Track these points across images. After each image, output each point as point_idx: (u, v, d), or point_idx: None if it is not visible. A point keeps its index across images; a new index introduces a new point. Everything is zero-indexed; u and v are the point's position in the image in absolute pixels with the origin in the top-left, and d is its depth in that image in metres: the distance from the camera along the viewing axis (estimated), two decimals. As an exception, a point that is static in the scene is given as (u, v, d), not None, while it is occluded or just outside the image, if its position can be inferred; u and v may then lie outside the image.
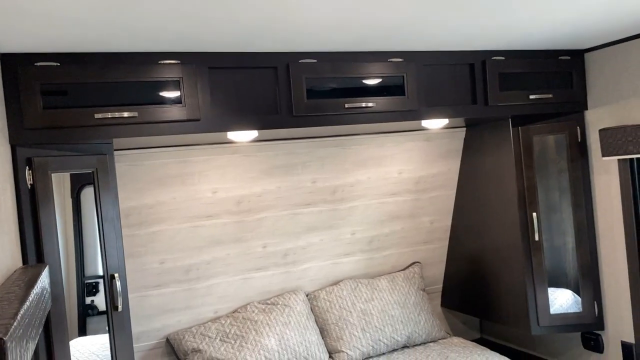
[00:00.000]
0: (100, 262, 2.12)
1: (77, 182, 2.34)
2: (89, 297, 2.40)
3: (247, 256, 2.90)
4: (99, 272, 2.23)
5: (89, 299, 2.40)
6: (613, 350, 2.74)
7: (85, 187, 2.26)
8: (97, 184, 2.05)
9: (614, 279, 2.71)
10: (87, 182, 2.18)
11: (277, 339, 2.76)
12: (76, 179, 2.31)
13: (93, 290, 2.38)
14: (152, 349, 2.80)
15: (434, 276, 3.48)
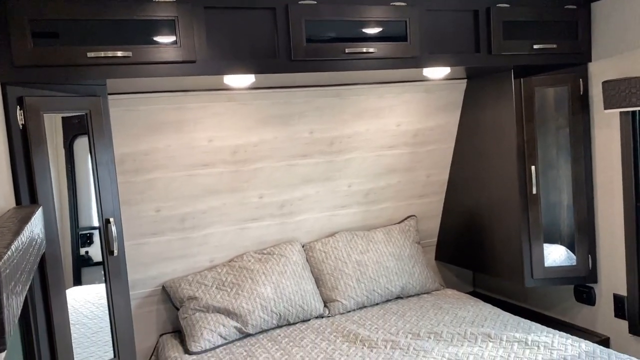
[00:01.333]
0: (95, 212, 2.10)
1: (70, 132, 2.29)
2: (83, 248, 2.40)
3: (243, 206, 2.89)
4: (93, 224, 2.22)
5: (84, 249, 2.39)
6: (605, 303, 2.78)
7: (79, 137, 2.21)
8: (90, 127, 2.00)
9: (609, 233, 2.72)
10: (80, 132, 2.14)
11: (273, 287, 2.78)
12: (69, 128, 2.26)
13: (87, 241, 2.37)
14: (148, 296, 2.81)
15: (429, 230, 3.49)
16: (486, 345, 2.38)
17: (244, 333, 2.67)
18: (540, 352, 2.26)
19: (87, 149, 2.07)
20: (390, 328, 2.65)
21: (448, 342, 2.45)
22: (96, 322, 2.33)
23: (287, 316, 2.78)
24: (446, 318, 2.74)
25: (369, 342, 2.49)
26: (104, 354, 2.16)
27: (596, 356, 2.18)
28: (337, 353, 2.41)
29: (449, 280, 3.56)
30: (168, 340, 2.73)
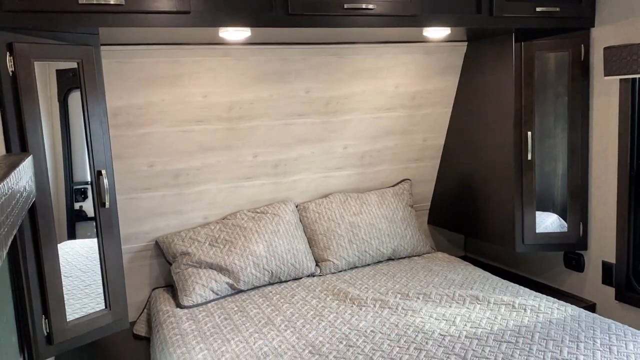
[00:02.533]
0: (88, 167, 2.09)
1: (65, 86, 2.25)
2: (77, 202, 2.40)
3: (237, 164, 2.88)
4: (87, 179, 2.21)
5: (78, 204, 2.39)
6: (593, 270, 2.81)
7: (73, 91, 2.18)
8: (82, 77, 1.97)
9: (601, 201, 2.73)
10: (74, 85, 2.10)
11: (266, 245, 2.79)
12: (63, 82, 2.22)
13: (82, 196, 2.37)
14: (140, 250, 2.83)
15: (423, 194, 3.50)
16: (474, 307, 2.41)
17: (236, 289, 2.70)
18: (526, 315, 2.30)
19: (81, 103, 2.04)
20: (380, 288, 2.68)
21: (436, 303, 2.48)
22: (89, 275, 2.35)
23: (278, 274, 2.81)
24: (436, 280, 2.77)
25: (359, 301, 2.52)
26: (96, 306, 2.18)
27: (581, 320, 2.22)
28: (326, 310, 2.44)
29: (441, 245, 3.59)
30: (160, 294, 2.76)
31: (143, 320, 2.74)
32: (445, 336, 2.13)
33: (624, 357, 1.90)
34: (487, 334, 2.13)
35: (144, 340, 2.62)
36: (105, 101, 2.06)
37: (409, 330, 2.20)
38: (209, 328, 2.32)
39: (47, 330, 1.86)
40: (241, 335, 2.23)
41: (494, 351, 1.99)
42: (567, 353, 1.95)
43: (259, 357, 2.03)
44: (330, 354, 2.03)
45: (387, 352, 2.02)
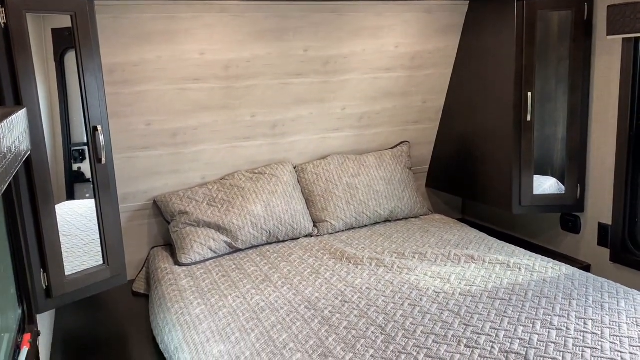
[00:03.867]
0: (84, 122, 2.07)
1: (61, 45, 2.22)
2: (75, 163, 2.40)
3: (235, 124, 2.86)
4: (85, 140, 2.20)
5: (76, 165, 2.39)
6: (589, 231, 2.83)
7: (69, 51, 2.15)
8: (76, 30, 1.94)
9: (600, 162, 2.73)
10: (70, 45, 2.07)
11: (264, 205, 2.80)
12: (59, 41, 2.19)
13: (80, 157, 2.37)
14: (139, 210, 2.84)
15: (422, 156, 3.49)
16: (469, 266, 2.43)
17: (234, 248, 2.72)
18: (521, 274, 2.32)
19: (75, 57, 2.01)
20: (376, 248, 2.70)
21: (432, 262, 2.50)
22: (88, 234, 2.37)
23: (276, 234, 2.82)
24: (432, 240, 2.79)
25: (355, 260, 2.54)
26: (95, 263, 2.20)
27: (575, 279, 2.24)
28: (323, 268, 2.47)
29: (438, 207, 3.60)
30: (159, 253, 2.79)
31: (142, 278, 2.78)
32: (440, 293, 2.16)
33: (615, 313, 1.93)
34: (481, 292, 2.16)
35: (143, 297, 2.66)
36: (100, 56, 2.03)
37: (403, 288, 2.23)
38: (206, 285, 2.35)
39: (46, 284, 1.88)
40: (238, 291, 2.26)
41: (487, 308, 2.02)
42: (559, 310, 1.98)
43: (256, 311, 2.06)
44: (326, 309, 2.06)
45: (382, 307, 2.05)
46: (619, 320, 1.87)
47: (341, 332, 1.88)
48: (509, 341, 1.77)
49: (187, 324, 2.00)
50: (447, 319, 1.94)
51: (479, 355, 1.69)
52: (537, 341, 1.77)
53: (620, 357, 1.65)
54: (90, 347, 2.19)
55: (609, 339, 1.76)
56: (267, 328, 1.92)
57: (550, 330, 1.83)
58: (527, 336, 1.80)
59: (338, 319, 1.97)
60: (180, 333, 1.95)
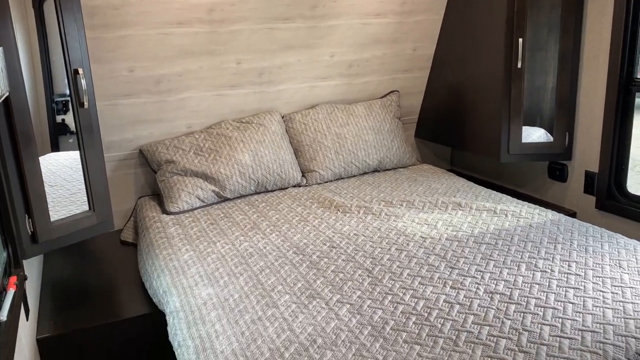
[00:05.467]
0: (65, 66, 2.01)
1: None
2: (59, 115, 2.34)
3: (220, 71, 2.80)
4: (68, 91, 2.14)
5: (60, 117, 2.34)
6: (576, 179, 2.84)
7: (47, -1, 2.07)
8: (52, -33, 1.85)
9: (589, 110, 2.72)
10: None
11: (251, 155, 2.78)
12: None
13: (63, 109, 2.31)
14: (124, 159, 2.80)
15: (411, 107, 3.46)
16: (456, 213, 2.45)
17: (222, 197, 2.71)
18: (507, 220, 2.34)
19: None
20: (364, 197, 2.70)
21: (419, 209, 2.51)
22: (74, 184, 2.34)
23: (265, 183, 2.81)
24: (420, 189, 2.79)
25: (343, 208, 2.54)
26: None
27: (561, 224, 2.26)
28: (311, 216, 2.47)
29: (427, 158, 3.60)
30: (146, 202, 2.77)
31: (130, 227, 2.77)
32: (427, 238, 2.18)
33: (598, 256, 1.96)
34: (468, 237, 2.18)
35: (131, 246, 2.66)
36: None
37: (391, 233, 2.24)
38: (195, 232, 2.35)
39: (31, 229, 1.86)
40: (227, 238, 2.26)
41: (474, 252, 2.04)
42: (544, 253, 2.00)
43: (244, 256, 2.07)
44: (314, 254, 2.07)
45: (370, 252, 2.07)
46: (602, 262, 1.90)
47: (329, 275, 1.89)
48: (494, 282, 1.80)
49: (175, 269, 2.00)
50: (433, 262, 1.96)
51: (464, 296, 1.72)
52: (522, 282, 1.79)
53: (602, 297, 1.68)
54: (80, 293, 2.19)
55: (591, 279, 1.79)
56: (255, 272, 1.93)
57: (534, 272, 1.86)
58: (512, 278, 1.83)
59: (326, 263, 1.98)
60: (169, 278, 1.95)
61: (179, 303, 1.76)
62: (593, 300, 1.66)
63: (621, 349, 1.43)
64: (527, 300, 1.67)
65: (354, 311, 1.64)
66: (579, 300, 1.66)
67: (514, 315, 1.59)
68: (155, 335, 2.05)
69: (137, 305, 2.09)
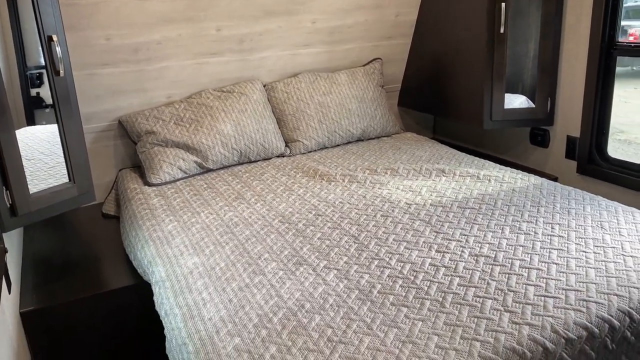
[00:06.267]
0: (37, 32, 1.94)
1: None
2: (33, 88, 2.27)
3: (200, 39, 2.74)
4: (41, 62, 2.08)
5: (34, 90, 2.27)
6: (558, 145, 2.87)
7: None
8: None
9: (571, 75, 2.72)
10: None
11: (233, 125, 2.74)
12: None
13: (37, 81, 2.24)
14: (104, 131, 2.75)
15: (394, 74, 3.43)
16: (439, 179, 2.45)
17: (205, 168, 2.68)
18: (490, 185, 2.35)
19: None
20: (349, 165, 2.70)
21: (403, 176, 2.51)
22: (53, 157, 2.29)
23: (248, 154, 2.78)
24: (403, 157, 2.79)
25: (328, 177, 2.53)
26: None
27: (543, 188, 2.28)
28: (296, 185, 2.46)
29: (410, 127, 3.60)
30: (127, 174, 2.72)
31: (111, 200, 2.73)
32: (411, 205, 2.18)
33: (581, 217, 1.98)
34: (452, 202, 2.19)
35: (113, 219, 2.62)
36: (49, -42, 1.87)
37: (376, 201, 2.24)
38: (178, 203, 2.32)
39: (10, 202, 1.82)
40: (211, 208, 2.24)
41: (458, 216, 2.05)
42: (527, 216, 2.02)
43: (230, 226, 2.05)
44: (300, 222, 2.06)
45: (355, 219, 2.06)
46: (585, 224, 1.93)
47: (315, 242, 1.89)
48: (478, 246, 1.81)
49: (159, 239, 1.98)
50: (418, 227, 1.97)
51: (449, 259, 1.73)
52: (506, 245, 1.81)
53: (585, 257, 1.71)
54: (62, 267, 2.16)
55: (574, 240, 1.81)
56: (241, 241, 1.92)
57: (518, 234, 1.88)
58: (496, 241, 1.84)
59: (312, 231, 1.98)
60: (153, 248, 1.93)
61: (165, 273, 1.75)
62: (576, 260, 1.69)
63: (604, 306, 1.46)
64: (511, 262, 1.69)
65: (341, 276, 1.65)
66: (563, 260, 1.69)
67: (499, 276, 1.61)
68: (140, 306, 2.03)
69: (121, 277, 2.07)
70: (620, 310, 1.45)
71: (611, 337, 1.43)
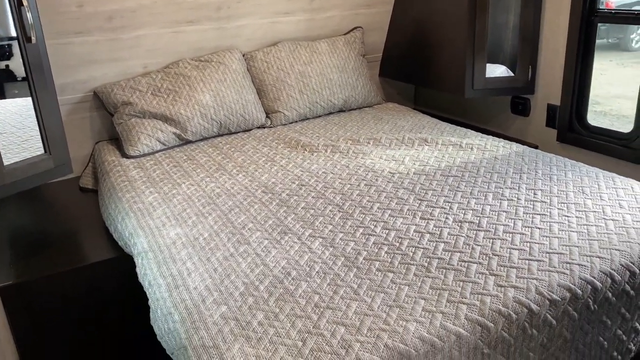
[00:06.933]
0: (12, 22, 1.86)
1: None
2: (2, 61, 2.19)
3: (176, 6, 2.66)
4: (10, 33, 1.99)
5: (3, 63, 2.19)
6: (538, 113, 2.88)
7: None
8: None
9: (552, 43, 2.72)
10: None
11: (212, 95, 2.68)
12: None
13: (6, 54, 2.16)
14: (79, 102, 2.67)
15: (375, 44, 3.39)
16: (422, 148, 2.45)
17: (184, 140, 2.63)
18: (473, 153, 2.36)
19: None
20: (331, 136, 2.67)
21: (386, 146, 2.50)
22: (26, 131, 2.23)
23: (228, 125, 2.73)
24: (386, 127, 2.78)
25: (310, 147, 2.51)
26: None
27: (525, 155, 2.30)
28: (278, 156, 2.43)
29: (392, 98, 3.58)
30: (104, 147, 2.66)
31: (89, 173, 2.66)
32: (395, 174, 2.17)
33: (562, 183, 2.00)
34: (435, 170, 2.19)
35: (91, 192, 2.57)
36: None
37: (359, 170, 2.22)
38: (157, 175, 2.28)
39: (-17, 174, 1.76)
40: (192, 179, 2.20)
41: (441, 184, 2.05)
42: (510, 182, 2.03)
43: (212, 197, 2.02)
44: (284, 192, 2.04)
45: (339, 189, 2.05)
46: (567, 190, 1.95)
47: (299, 212, 1.87)
48: (462, 212, 1.82)
49: (140, 211, 1.94)
50: (402, 195, 1.97)
51: (433, 226, 1.73)
52: (490, 211, 1.82)
53: (568, 221, 1.73)
54: (40, 242, 2.11)
55: (557, 206, 1.83)
56: (224, 211, 1.89)
57: (501, 201, 1.89)
58: (479, 207, 1.85)
59: (296, 201, 1.96)
60: (134, 220, 1.89)
61: (147, 244, 1.72)
62: (559, 224, 1.70)
63: (586, 268, 1.48)
64: (495, 227, 1.70)
65: (326, 244, 1.64)
66: (546, 225, 1.70)
67: (484, 241, 1.62)
68: (122, 279, 2.01)
69: (101, 250, 2.03)
70: (602, 272, 1.48)
71: (593, 298, 1.45)
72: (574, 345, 1.47)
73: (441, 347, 1.23)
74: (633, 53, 6.67)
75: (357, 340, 1.20)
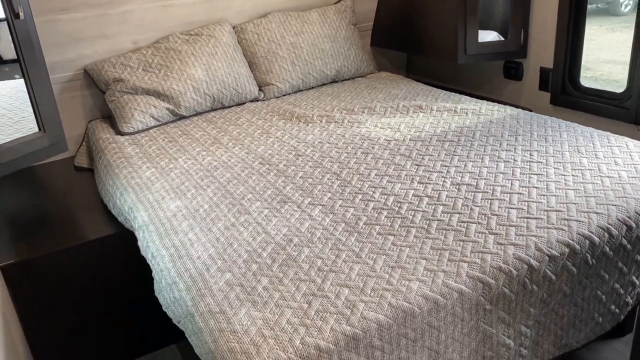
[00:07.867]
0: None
1: None
2: None
3: (164, -20, 2.62)
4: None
5: None
6: (531, 77, 2.88)
7: None
8: None
9: (543, 6, 2.70)
10: None
11: (204, 69, 2.66)
12: None
13: None
14: (69, 81, 2.64)
15: (365, 13, 3.36)
16: (417, 115, 2.45)
17: (178, 115, 2.61)
18: (468, 118, 2.36)
19: None
20: (325, 106, 2.66)
21: (381, 114, 2.50)
22: (17, 112, 2.21)
23: (221, 99, 2.72)
24: (380, 96, 2.77)
25: (305, 118, 2.50)
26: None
27: (520, 118, 2.30)
28: (273, 128, 2.42)
29: (384, 67, 3.56)
30: (98, 125, 2.64)
31: (83, 152, 2.65)
32: (391, 141, 2.18)
33: (558, 143, 2.01)
34: (430, 136, 2.19)
35: (86, 171, 2.56)
36: None
37: (355, 139, 2.23)
38: (153, 150, 2.27)
39: (-22, 154, 1.75)
40: (189, 154, 2.19)
41: (437, 149, 2.06)
42: (506, 145, 2.04)
43: (209, 170, 2.02)
44: (280, 163, 2.04)
45: (336, 157, 2.06)
46: (562, 149, 1.96)
47: (297, 181, 1.88)
48: (459, 175, 1.83)
49: (138, 185, 1.94)
50: (399, 162, 1.97)
51: (432, 189, 1.75)
52: (487, 173, 1.83)
53: (564, 180, 1.74)
54: (39, 220, 2.11)
55: (553, 165, 1.85)
56: (222, 183, 1.90)
57: (498, 162, 1.90)
58: (476, 170, 1.86)
59: (293, 171, 1.96)
60: (133, 194, 1.89)
61: (148, 217, 1.72)
62: (555, 183, 1.72)
63: (584, 224, 1.50)
64: (493, 189, 1.72)
65: (326, 211, 1.65)
66: (543, 184, 1.72)
67: (482, 202, 1.64)
68: (123, 255, 2.02)
69: (101, 226, 2.04)
70: (600, 227, 1.50)
71: (591, 252, 1.48)
72: (573, 299, 1.50)
73: (444, 304, 1.25)
74: (622, 17, 6.65)
75: (362, 301, 1.22)
